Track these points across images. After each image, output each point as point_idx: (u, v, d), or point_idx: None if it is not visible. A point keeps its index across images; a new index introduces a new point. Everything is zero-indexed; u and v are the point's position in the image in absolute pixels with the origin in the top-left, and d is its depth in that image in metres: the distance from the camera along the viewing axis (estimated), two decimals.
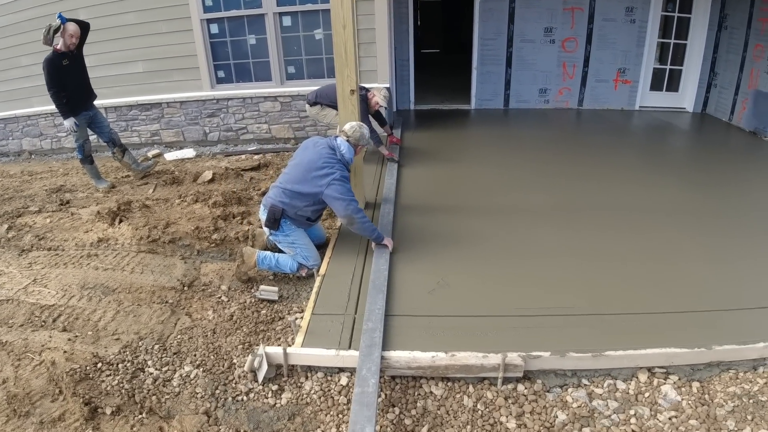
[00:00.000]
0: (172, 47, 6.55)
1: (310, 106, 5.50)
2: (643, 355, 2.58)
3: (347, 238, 3.77)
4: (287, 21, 6.31)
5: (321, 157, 3.34)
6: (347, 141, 3.49)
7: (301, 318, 2.96)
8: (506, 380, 2.53)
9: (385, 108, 5.40)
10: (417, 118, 7.64)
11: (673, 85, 8.20)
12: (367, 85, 5.36)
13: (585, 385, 2.56)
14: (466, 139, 6.59)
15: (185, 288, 3.54)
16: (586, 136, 6.77)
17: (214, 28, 6.53)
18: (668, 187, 4.79)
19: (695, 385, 2.56)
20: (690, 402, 2.46)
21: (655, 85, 8.15)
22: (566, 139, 6.59)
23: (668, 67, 8.07)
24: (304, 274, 3.49)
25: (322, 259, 3.52)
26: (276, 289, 3.34)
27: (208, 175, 5.39)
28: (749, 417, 2.37)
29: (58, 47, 4.81)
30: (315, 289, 3.11)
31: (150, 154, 6.75)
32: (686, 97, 8.16)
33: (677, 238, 3.78)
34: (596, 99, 7.94)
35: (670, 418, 2.38)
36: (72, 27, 4.79)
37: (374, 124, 5.42)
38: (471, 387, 2.53)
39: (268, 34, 6.36)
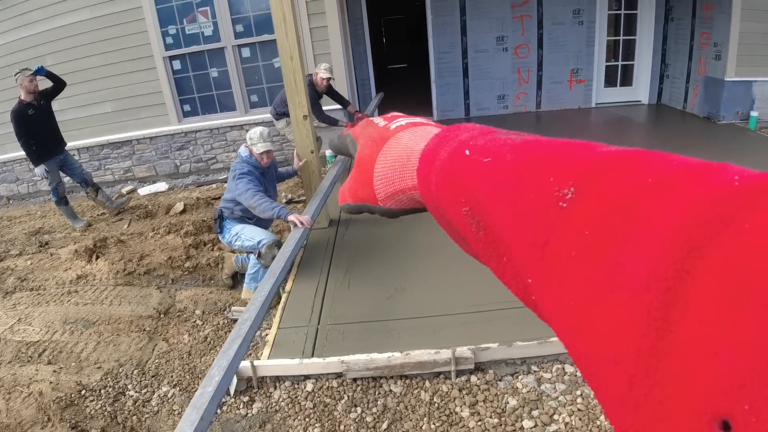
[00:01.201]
0: (138, 86, 6.75)
1: (277, 120, 5.56)
2: None
3: (312, 255, 3.97)
4: (246, 52, 6.55)
5: (232, 167, 3.68)
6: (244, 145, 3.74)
7: (268, 332, 3.17)
8: (460, 373, 2.73)
9: (332, 79, 5.42)
10: None
11: (627, 79, 8.52)
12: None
13: (534, 371, 2.77)
14: None
15: (161, 315, 3.74)
16: (545, 136, 7.01)
17: (177, 65, 6.75)
18: None
19: None
20: None
21: (610, 82, 8.44)
22: None
23: (620, 63, 8.39)
24: (263, 252, 3.54)
25: (288, 271, 3.70)
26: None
27: (179, 206, 5.59)
28: None
29: (22, 98, 5.02)
30: (281, 305, 3.32)
31: (124, 191, 6.93)
32: (641, 90, 8.49)
33: None
34: (553, 100, 8.20)
35: None
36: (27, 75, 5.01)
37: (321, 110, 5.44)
38: (428, 382, 2.74)
39: (229, 66, 6.60)
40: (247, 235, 3.62)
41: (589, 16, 7.76)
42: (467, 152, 0.34)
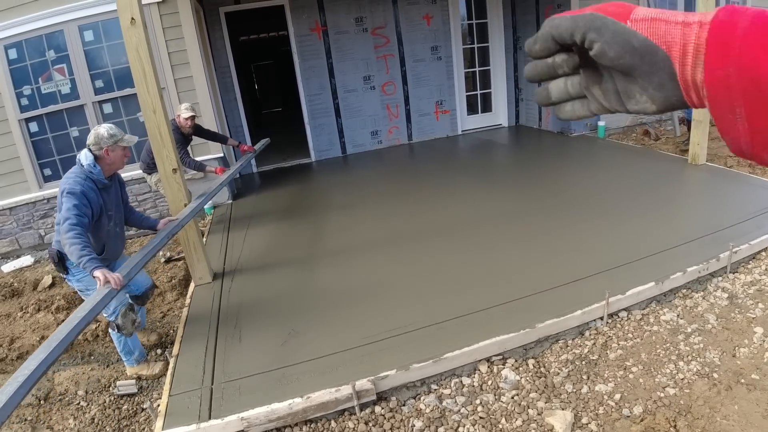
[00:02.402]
0: None
1: (149, 174, 5.29)
2: (478, 348, 2.91)
3: (198, 312, 3.81)
4: (108, 108, 6.24)
5: (63, 178, 2.98)
6: (87, 149, 3.06)
7: (159, 402, 2.99)
8: (363, 406, 2.76)
9: (197, 116, 5.27)
10: (261, 179, 7.74)
11: (488, 106, 9.26)
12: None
13: (434, 389, 2.86)
14: (309, 191, 6.76)
15: (41, 402, 3.38)
16: (418, 166, 7.37)
17: (34, 127, 6.26)
18: (493, 195, 5.49)
19: (531, 362, 2.95)
20: (528, 378, 2.83)
21: (472, 109, 9.12)
22: (401, 172, 7.11)
23: (479, 92, 9.11)
24: (120, 324, 3.08)
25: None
26: (133, 381, 3.33)
27: (47, 280, 5.12)
28: (584, 377, 2.79)
29: None
30: (170, 371, 3.14)
31: None
32: (500, 115, 9.26)
33: (500, 238, 4.34)
34: (423, 131, 8.67)
35: (512, 397, 2.72)
36: None
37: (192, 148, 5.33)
38: (333, 422, 2.72)
39: (90, 124, 6.21)
40: None
41: (446, 51, 8.37)
42: None
